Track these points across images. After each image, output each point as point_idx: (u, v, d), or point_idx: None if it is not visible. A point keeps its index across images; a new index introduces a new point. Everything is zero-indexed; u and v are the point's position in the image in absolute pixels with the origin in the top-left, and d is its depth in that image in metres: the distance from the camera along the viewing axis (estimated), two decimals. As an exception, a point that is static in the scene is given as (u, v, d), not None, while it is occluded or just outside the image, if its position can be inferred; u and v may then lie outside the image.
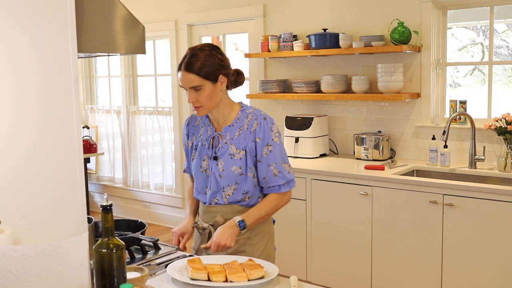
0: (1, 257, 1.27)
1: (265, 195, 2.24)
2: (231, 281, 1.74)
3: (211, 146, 2.22)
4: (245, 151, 2.16)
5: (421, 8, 3.89)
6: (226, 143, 2.19)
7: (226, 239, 2.09)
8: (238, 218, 2.13)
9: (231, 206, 2.20)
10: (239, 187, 2.18)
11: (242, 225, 2.13)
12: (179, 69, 2.13)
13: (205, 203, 2.27)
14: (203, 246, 2.16)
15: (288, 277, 1.81)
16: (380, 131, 4.14)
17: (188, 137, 2.33)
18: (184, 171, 2.46)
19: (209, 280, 1.75)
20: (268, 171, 2.17)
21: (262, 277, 1.76)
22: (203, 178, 2.24)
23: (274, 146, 2.17)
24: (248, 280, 1.74)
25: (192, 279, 1.75)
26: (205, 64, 2.09)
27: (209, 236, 2.22)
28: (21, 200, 1.45)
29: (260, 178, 2.19)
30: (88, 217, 2.10)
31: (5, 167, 1.42)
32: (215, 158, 2.19)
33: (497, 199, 3.08)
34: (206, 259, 1.94)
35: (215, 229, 2.19)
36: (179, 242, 2.29)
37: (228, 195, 2.19)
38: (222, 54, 2.16)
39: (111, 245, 1.47)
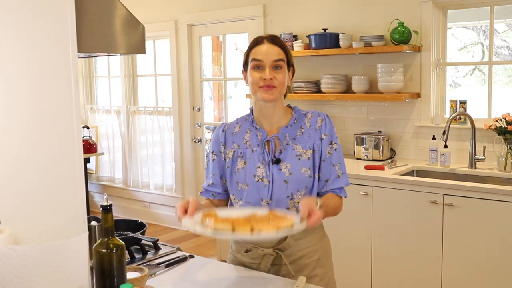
0: (1, 257, 1.26)
1: None
2: (259, 231, 1.60)
3: (267, 150, 1.92)
4: (313, 150, 1.91)
5: (421, 8, 3.89)
6: (287, 144, 1.91)
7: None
8: (319, 202, 1.76)
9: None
10: (308, 192, 1.90)
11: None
12: (259, 42, 1.91)
13: None
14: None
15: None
16: (380, 131, 4.14)
17: (225, 146, 1.98)
18: (202, 193, 2.03)
19: (233, 231, 1.62)
20: (332, 172, 1.93)
21: (291, 226, 1.63)
22: (258, 189, 1.90)
23: (338, 145, 1.96)
24: (278, 229, 1.61)
25: (215, 230, 1.63)
26: (287, 46, 1.96)
27: (273, 262, 1.90)
28: (21, 200, 1.45)
29: (321, 180, 1.93)
30: (94, 217, 2.10)
31: (5, 167, 1.41)
32: (277, 162, 1.89)
33: (497, 199, 3.07)
34: (223, 213, 1.76)
35: (284, 254, 1.88)
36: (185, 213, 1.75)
37: (298, 202, 1.88)
38: None
39: (111, 245, 1.47)
